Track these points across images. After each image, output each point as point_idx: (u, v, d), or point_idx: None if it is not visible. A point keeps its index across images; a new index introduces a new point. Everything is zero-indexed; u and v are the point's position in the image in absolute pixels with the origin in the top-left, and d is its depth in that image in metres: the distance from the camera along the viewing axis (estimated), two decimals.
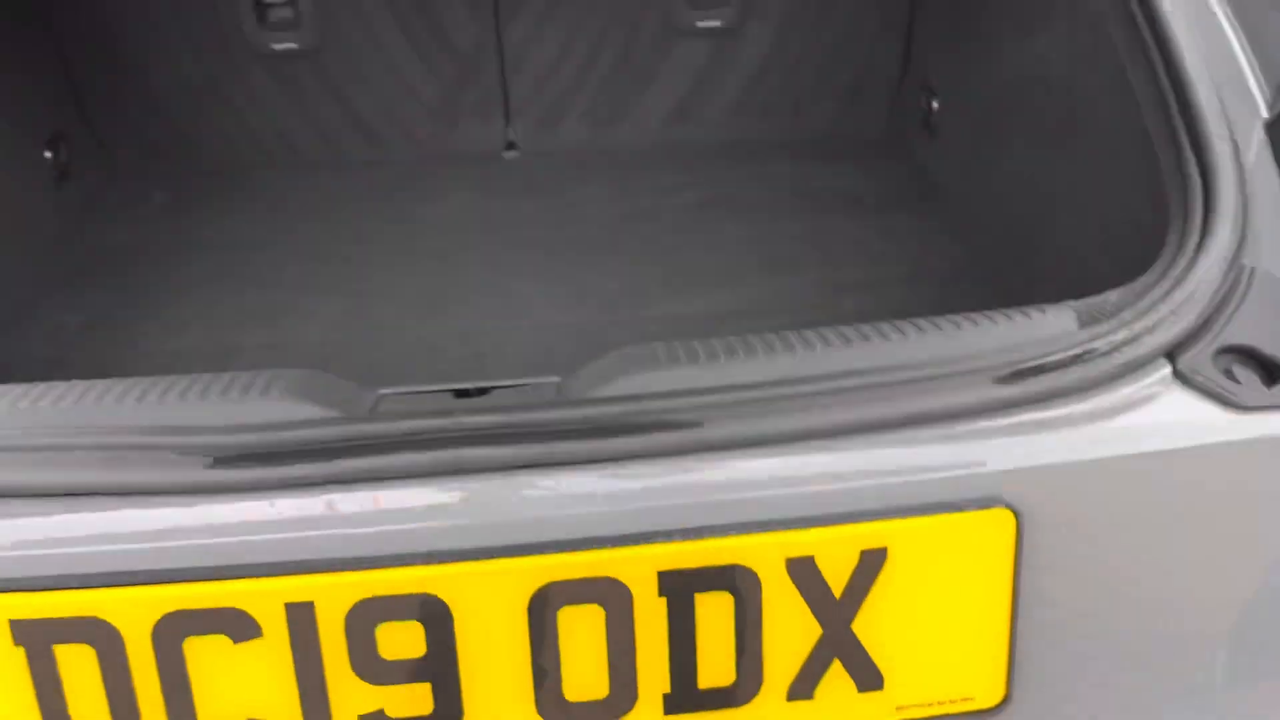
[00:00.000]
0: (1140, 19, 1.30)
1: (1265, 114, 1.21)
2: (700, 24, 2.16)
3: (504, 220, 2.01)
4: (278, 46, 2.09)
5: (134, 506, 0.82)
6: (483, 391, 0.96)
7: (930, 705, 0.92)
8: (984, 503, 0.87)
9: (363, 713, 0.86)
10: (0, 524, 0.82)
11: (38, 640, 0.81)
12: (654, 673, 0.87)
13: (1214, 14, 1.32)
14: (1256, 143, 1.18)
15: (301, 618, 0.82)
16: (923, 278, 1.79)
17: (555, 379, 0.98)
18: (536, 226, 1.98)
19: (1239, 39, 1.30)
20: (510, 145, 2.25)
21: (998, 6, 1.80)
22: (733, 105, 2.25)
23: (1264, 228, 1.08)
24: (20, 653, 0.82)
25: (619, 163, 2.21)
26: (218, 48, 2.08)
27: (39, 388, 0.89)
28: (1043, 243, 1.66)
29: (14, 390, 0.89)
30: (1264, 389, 0.94)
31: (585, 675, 0.87)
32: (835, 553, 0.86)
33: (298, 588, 0.82)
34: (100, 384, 0.90)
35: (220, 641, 0.82)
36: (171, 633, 0.82)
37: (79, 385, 0.90)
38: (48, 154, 1.95)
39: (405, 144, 2.20)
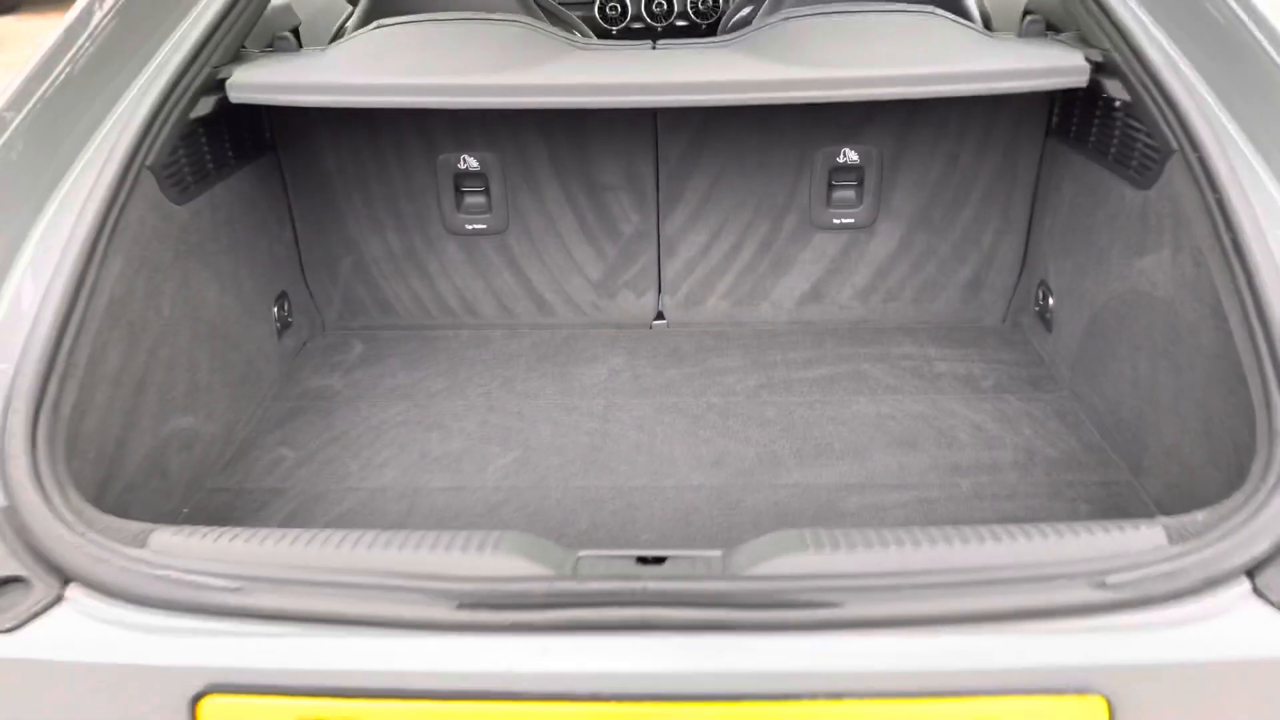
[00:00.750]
0: (1233, 256, 1.49)
1: None
2: (836, 221, 2.42)
3: (653, 385, 2.26)
4: (470, 227, 2.44)
5: (397, 636, 1.06)
6: (659, 560, 1.18)
7: None
8: (1081, 690, 1.04)
9: None
10: (295, 643, 1.07)
11: None
12: None
13: None
14: None
15: None
16: (1034, 463, 1.94)
17: (719, 553, 1.19)
18: (682, 393, 2.23)
19: None
20: (659, 316, 2.53)
21: (1109, 224, 2.00)
22: (862, 291, 2.49)
23: None
24: None
25: (756, 337, 2.46)
26: (419, 226, 2.45)
27: (327, 534, 1.16)
28: (1148, 441, 1.81)
29: (311, 534, 1.15)
30: None
31: None
32: None
33: (517, 715, 1.04)
34: (372, 533, 1.16)
35: None
36: None
37: (358, 533, 1.16)
38: (274, 310, 2.32)
39: (570, 311, 2.51)
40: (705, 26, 3.88)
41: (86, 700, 1.08)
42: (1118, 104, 1.95)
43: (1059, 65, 1.94)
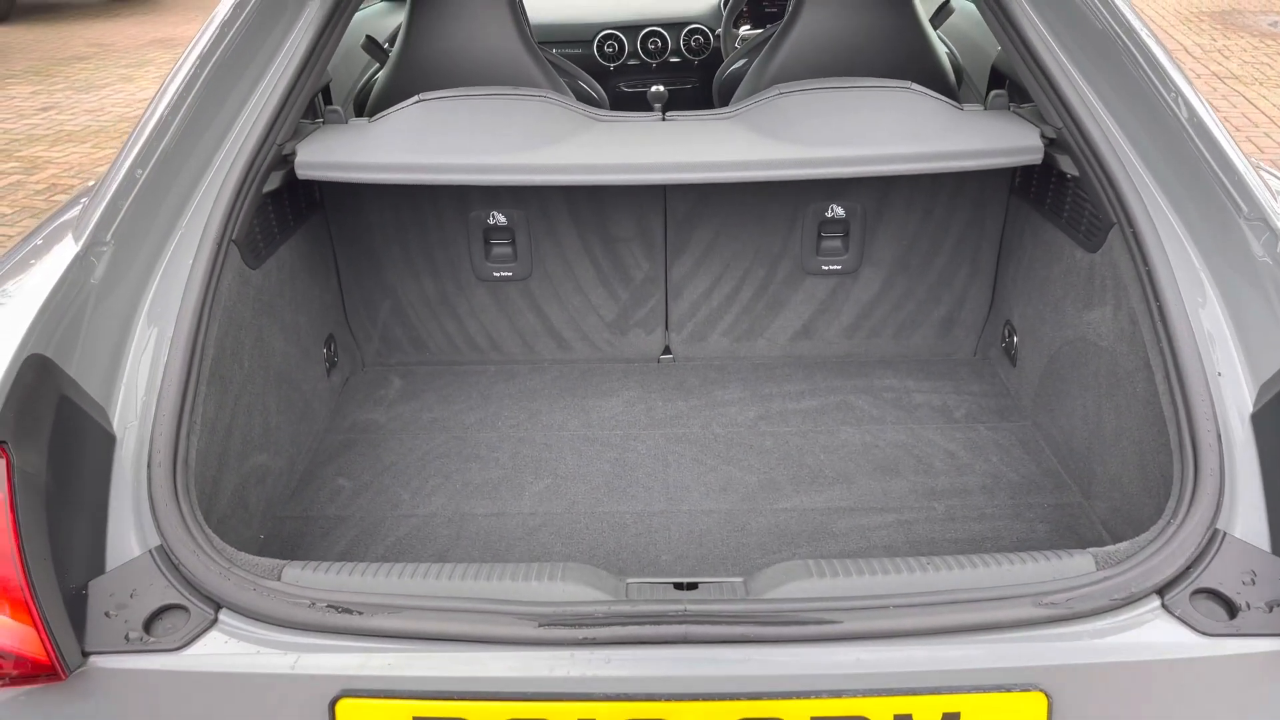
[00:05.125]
0: (1159, 322, 1.78)
1: (1251, 407, 1.65)
2: (825, 267, 2.72)
3: (663, 416, 2.55)
4: (497, 274, 2.72)
5: (490, 650, 1.34)
6: (693, 585, 1.47)
7: None
8: (1026, 687, 1.33)
9: None
10: (411, 657, 1.35)
11: None
12: None
13: (1218, 317, 1.76)
14: (1243, 429, 1.62)
15: None
16: (999, 487, 2.24)
17: (740, 579, 1.48)
18: (690, 424, 2.51)
19: (1234, 337, 1.72)
20: (667, 350, 2.81)
21: (1062, 279, 2.30)
22: (847, 329, 2.79)
23: (1240, 499, 1.52)
24: None
25: (754, 370, 2.75)
26: (451, 273, 2.72)
27: (426, 567, 1.43)
28: (1096, 470, 2.11)
29: (414, 568, 1.43)
30: (1226, 621, 1.38)
31: None
32: (926, 714, 1.33)
33: (587, 710, 1.32)
34: (463, 566, 1.44)
35: None
36: None
37: (451, 566, 1.44)
38: (323, 351, 2.59)
39: (586, 348, 2.79)
40: (698, 63, 4.17)
41: (244, 704, 1.36)
42: (1069, 177, 2.24)
43: (1017, 145, 2.23)
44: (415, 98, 2.44)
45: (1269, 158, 6.09)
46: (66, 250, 1.77)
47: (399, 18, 3.31)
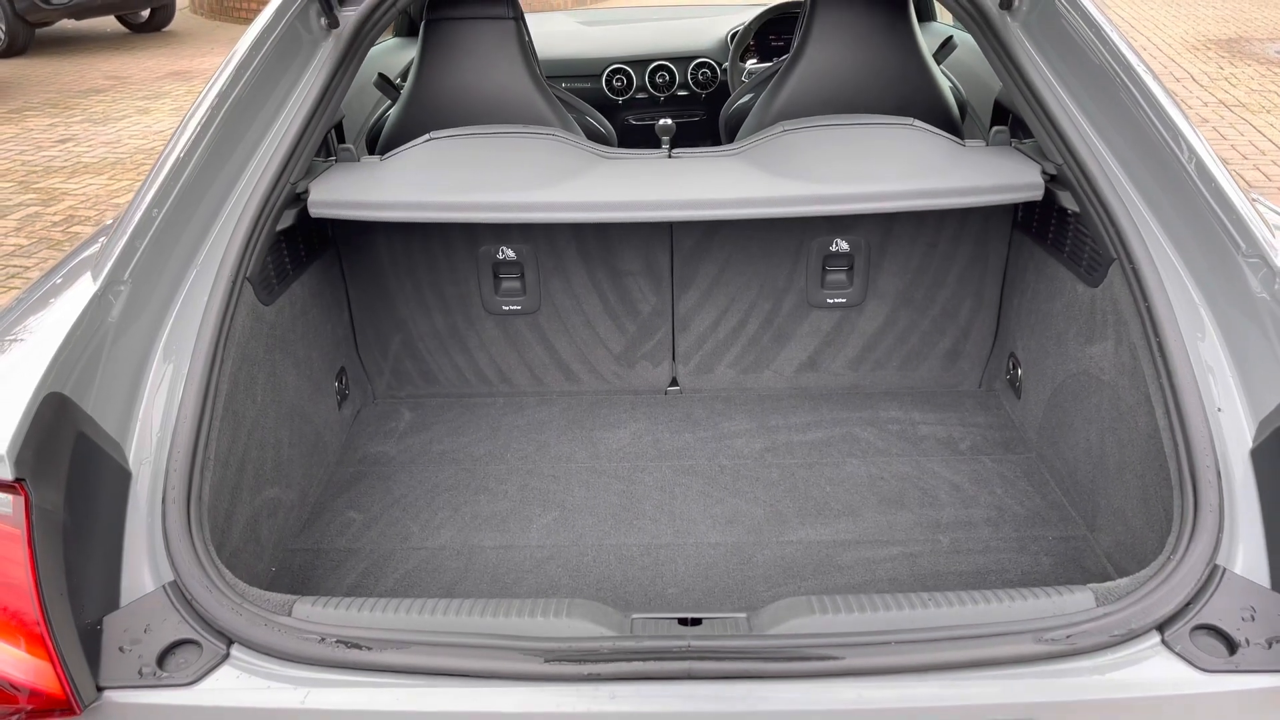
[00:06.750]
0: (1158, 358, 1.80)
1: (1250, 443, 1.66)
2: (830, 301, 2.74)
3: (670, 448, 2.57)
4: (506, 308, 2.75)
5: (497, 685, 1.36)
6: (697, 621, 1.49)
7: None
8: None
9: None
10: (419, 692, 1.37)
11: None
12: None
13: (1217, 352, 1.77)
14: (1243, 465, 1.63)
15: None
16: (1004, 520, 2.25)
17: (744, 615, 1.50)
18: (696, 456, 2.53)
19: (1234, 372, 1.74)
20: (674, 383, 2.84)
21: (1065, 312, 2.32)
22: (853, 360, 2.81)
23: (1240, 535, 1.54)
24: None
25: (760, 402, 2.77)
26: (461, 308, 2.76)
27: (434, 602, 1.46)
28: (1100, 503, 2.12)
29: (421, 603, 1.46)
30: (1226, 657, 1.39)
31: None
32: None
33: None
34: (470, 601, 1.46)
35: None
36: None
37: (458, 601, 1.46)
38: (335, 384, 2.62)
39: (593, 380, 2.82)
40: (705, 96, 4.22)
41: None
42: (1070, 212, 2.27)
43: (1018, 182, 2.26)
44: (426, 136, 2.49)
45: (1277, 185, 6.11)
46: (85, 289, 1.81)
47: (410, 54, 3.37)
